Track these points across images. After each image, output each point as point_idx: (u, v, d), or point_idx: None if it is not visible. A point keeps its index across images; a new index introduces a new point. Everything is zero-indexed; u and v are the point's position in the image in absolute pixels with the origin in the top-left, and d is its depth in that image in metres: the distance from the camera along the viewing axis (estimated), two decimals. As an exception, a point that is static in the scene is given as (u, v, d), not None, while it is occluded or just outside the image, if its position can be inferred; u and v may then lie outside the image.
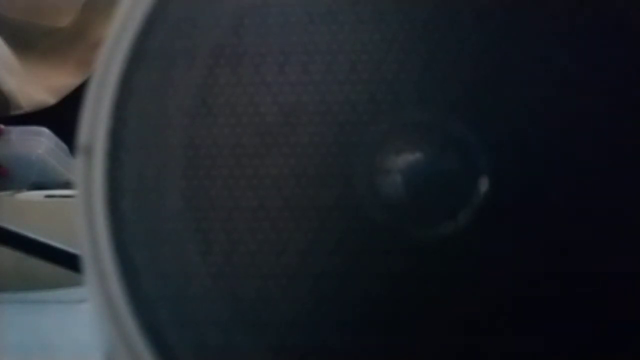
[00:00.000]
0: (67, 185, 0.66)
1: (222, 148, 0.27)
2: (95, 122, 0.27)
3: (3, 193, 0.65)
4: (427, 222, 0.27)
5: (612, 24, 0.26)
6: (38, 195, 0.65)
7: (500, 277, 0.26)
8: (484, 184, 0.26)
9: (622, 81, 0.26)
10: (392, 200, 0.27)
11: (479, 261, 0.26)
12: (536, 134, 0.26)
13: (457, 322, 0.26)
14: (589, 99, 0.26)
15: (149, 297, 0.27)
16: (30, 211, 0.62)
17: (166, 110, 0.27)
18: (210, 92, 0.27)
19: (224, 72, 0.27)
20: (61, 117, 0.58)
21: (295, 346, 0.27)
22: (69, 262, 0.47)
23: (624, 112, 0.26)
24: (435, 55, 0.26)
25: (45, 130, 0.73)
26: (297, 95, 0.27)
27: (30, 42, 0.89)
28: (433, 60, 0.26)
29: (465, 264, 0.26)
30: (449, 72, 0.26)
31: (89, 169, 0.27)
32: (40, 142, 0.72)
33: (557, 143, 0.26)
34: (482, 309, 0.26)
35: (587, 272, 0.26)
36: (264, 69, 0.27)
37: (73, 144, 0.28)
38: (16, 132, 0.72)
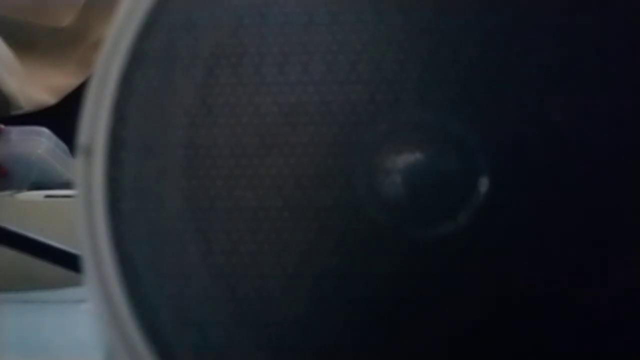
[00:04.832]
0: (67, 185, 0.66)
1: (222, 148, 0.27)
2: (95, 122, 0.27)
3: (3, 193, 0.65)
4: (427, 222, 0.27)
5: (612, 24, 0.26)
6: (38, 195, 0.65)
7: (500, 277, 0.26)
8: (484, 184, 0.26)
9: (622, 81, 0.26)
10: (392, 200, 0.27)
11: (479, 261, 0.26)
12: (536, 133, 0.26)
13: (456, 322, 0.26)
14: (589, 98, 0.26)
15: (149, 297, 0.27)
16: (30, 211, 0.62)
17: (166, 110, 0.27)
18: (211, 92, 0.27)
19: (224, 72, 0.27)
20: (61, 117, 0.58)
21: (295, 346, 0.27)
22: (69, 262, 0.47)
23: (624, 111, 0.26)
24: (435, 55, 0.26)
25: (45, 130, 0.73)
26: (297, 95, 0.27)
27: (30, 42, 0.89)
28: (433, 60, 0.26)
29: (465, 264, 0.26)
30: (449, 72, 0.26)
31: (89, 169, 0.27)
32: (40, 142, 0.71)
33: (557, 143, 0.26)
34: (482, 309, 0.26)
35: (587, 272, 0.26)
36: (264, 69, 0.27)
37: (73, 144, 0.28)
38: (16, 132, 0.72)
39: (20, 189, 0.67)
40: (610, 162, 0.26)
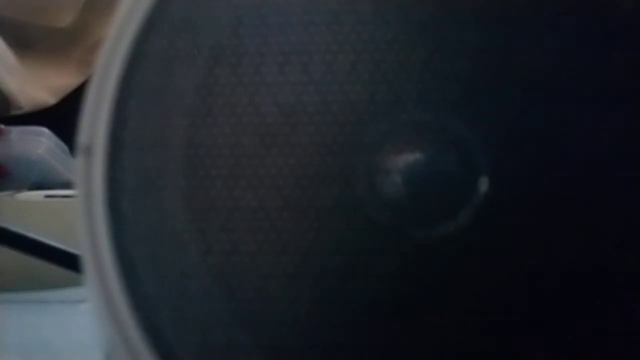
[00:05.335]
0: (67, 185, 0.66)
1: (222, 148, 0.27)
2: (95, 122, 0.27)
3: (3, 193, 0.65)
4: (427, 222, 0.27)
5: (611, 24, 0.26)
6: (38, 195, 0.65)
7: (500, 276, 0.26)
8: (484, 184, 0.26)
9: (622, 80, 0.26)
10: (392, 200, 0.27)
11: (479, 260, 0.26)
12: (536, 133, 0.26)
13: (457, 322, 0.26)
14: (589, 98, 0.26)
15: (149, 297, 0.27)
16: (30, 211, 0.62)
17: (166, 110, 0.27)
18: (210, 92, 0.27)
19: (224, 72, 0.27)
20: (61, 117, 0.58)
21: (295, 346, 0.27)
22: (69, 262, 0.47)
23: (623, 111, 0.26)
24: (435, 55, 0.26)
25: (45, 130, 0.73)
26: (297, 95, 0.27)
27: (30, 42, 0.89)
28: (433, 60, 0.26)
29: (465, 263, 0.26)
30: (449, 72, 0.26)
31: (89, 169, 0.27)
32: (40, 142, 0.72)
33: (557, 142, 0.26)
34: (482, 308, 0.26)
35: (587, 270, 0.26)
36: (264, 69, 0.27)
37: (73, 144, 0.28)
38: (16, 132, 0.72)
39: (20, 189, 0.67)
40: (610, 161, 0.26)
